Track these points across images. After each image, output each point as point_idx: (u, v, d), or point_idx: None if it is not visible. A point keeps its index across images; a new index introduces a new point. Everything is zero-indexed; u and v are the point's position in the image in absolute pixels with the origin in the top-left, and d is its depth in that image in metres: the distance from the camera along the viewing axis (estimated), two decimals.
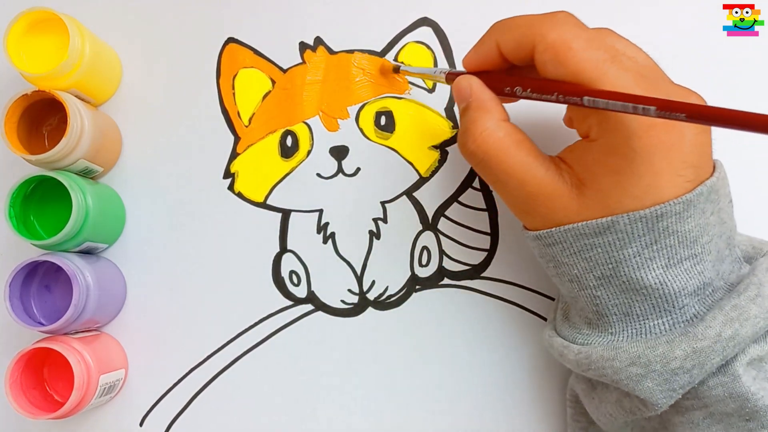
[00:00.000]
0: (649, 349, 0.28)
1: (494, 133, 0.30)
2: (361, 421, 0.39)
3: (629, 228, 0.28)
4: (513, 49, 0.31)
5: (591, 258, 0.29)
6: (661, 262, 0.28)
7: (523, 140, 0.31)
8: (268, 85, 0.41)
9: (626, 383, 0.29)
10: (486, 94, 0.32)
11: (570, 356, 0.31)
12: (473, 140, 0.31)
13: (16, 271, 0.36)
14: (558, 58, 0.28)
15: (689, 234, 0.28)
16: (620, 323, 0.30)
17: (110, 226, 0.40)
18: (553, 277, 0.33)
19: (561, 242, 0.30)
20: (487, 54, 0.32)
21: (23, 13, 0.36)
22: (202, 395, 0.40)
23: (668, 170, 0.27)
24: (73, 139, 0.36)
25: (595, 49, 0.28)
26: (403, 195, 0.40)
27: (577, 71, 0.28)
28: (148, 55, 0.42)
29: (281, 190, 0.40)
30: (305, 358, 0.40)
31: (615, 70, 0.27)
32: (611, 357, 0.29)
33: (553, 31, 0.28)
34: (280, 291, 0.40)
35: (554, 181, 0.29)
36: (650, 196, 0.27)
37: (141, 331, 0.40)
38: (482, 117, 0.31)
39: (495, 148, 0.30)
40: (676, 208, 0.27)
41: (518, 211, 0.32)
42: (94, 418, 0.40)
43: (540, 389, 0.39)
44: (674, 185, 0.27)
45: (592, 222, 0.28)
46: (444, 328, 0.39)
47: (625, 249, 0.28)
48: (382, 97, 0.41)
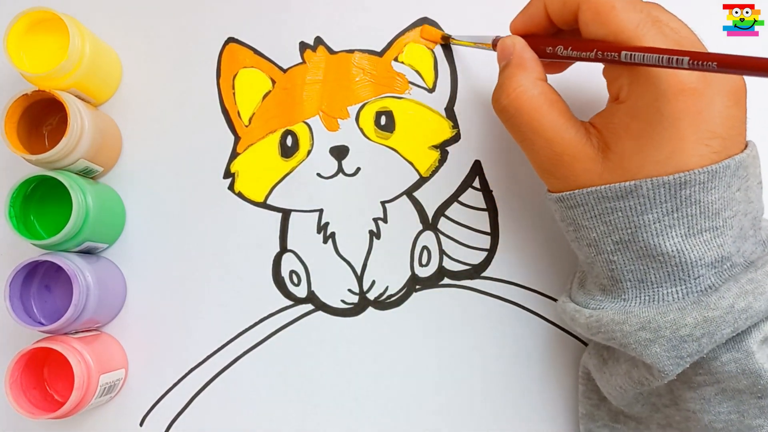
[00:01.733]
0: (659, 315, 0.28)
1: (529, 90, 0.30)
2: (361, 420, 0.39)
3: (651, 193, 0.28)
4: (559, 9, 0.31)
5: (611, 222, 0.30)
6: (680, 230, 0.28)
7: (556, 100, 0.31)
8: (268, 84, 0.41)
9: (634, 347, 0.29)
10: (528, 53, 0.32)
11: (581, 320, 0.31)
12: (507, 95, 0.31)
13: (16, 271, 0.36)
14: (600, 17, 0.28)
15: (712, 205, 0.28)
16: (634, 289, 0.30)
17: (110, 226, 0.40)
18: (572, 242, 0.33)
19: (582, 204, 0.30)
20: (533, 16, 0.33)
21: (23, 13, 0.36)
22: (202, 395, 0.40)
23: (694, 138, 0.27)
24: (73, 139, 0.36)
25: (638, 11, 0.28)
26: (403, 195, 0.40)
27: (617, 30, 0.28)
28: (148, 55, 0.42)
29: (281, 190, 0.40)
30: (305, 358, 0.40)
31: (654, 33, 0.28)
32: (621, 321, 0.29)
33: None
34: (280, 291, 0.40)
35: (581, 144, 0.30)
36: (673, 162, 0.27)
37: (141, 331, 0.40)
38: (519, 73, 0.31)
39: (528, 105, 0.30)
40: (700, 177, 0.27)
41: (542, 171, 0.32)
42: (94, 418, 0.40)
43: (540, 388, 0.39)
44: (699, 154, 0.27)
45: (614, 185, 0.29)
46: (444, 328, 0.39)
47: (645, 214, 0.28)
48: (382, 97, 0.41)
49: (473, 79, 0.41)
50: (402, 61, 0.41)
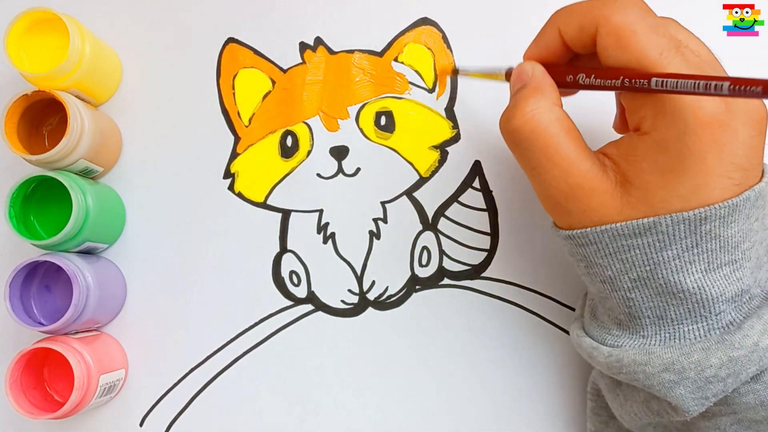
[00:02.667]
0: (683, 356, 0.28)
1: (546, 114, 0.29)
2: (362, 420, 0.39)
3: (671, 230, 0.27)
4: (576, 34, 0.29)
5: (628, 260, 0.28)
6: (700, 266, 0.27)
7: (572, 129, 0.29)
8: (268, 85, 0.41)
9: (658, 389, 0.28)
10: (546, 79, 0.30)
11: (600, 358, 0.30)
12: (521, 115, 0.29)
13: (16, 271, 0.36)
14: (621, 43, 0.27)
15: (731, 239, 0.27)
16: (653, 326, 0.29)
17: (110, 226, 0.40)
18: (583, 276, 0.31)
19: (596, 243, 0.29)
20: (549, 43, 0.31)
21: (23, 13, 0.36)
22: (202, 395, 0.40)
23: (718, 171, 0.26)
24: (73, 139, 0.36)
25: (660, 36, 0.27)
26: (403, 195, 0.40)
27: (640, 57, 0.27)
28: (148, 55, 0.42)
29: (281, 190, 0.40)
30: (305, 359, 0.40)
31: (678, 60, 0.26)
32: (644, 362, 0.28)
33: (617, 13, 0.27)
34: (280, 291, 0.40)
35: (599, 177, 0.28)
36: (696, 198, 0.26)
37: (141, 331, 0.40)
38: (536, 95, 0.29)
39: (542, 129, 0.28)
40: (721, 211, 0.26)
41: (553, 204, 0.30)
42: (94, 418, 0.40)
43: (540, 388, 0.39)
44: (722, 187, 0.26)
45: (632, 222, 0.27)
46: (444, 328, 0.39)
47: (665, 251, 0.27)
48: (382, 97, 0.41)
49: (473, 80, 0.41)
50: (402, 61, 0.41)
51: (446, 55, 0.41)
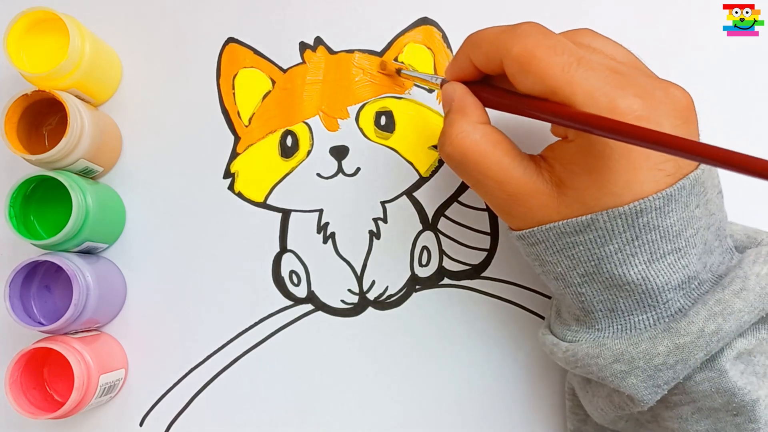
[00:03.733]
0: (632, 346, 0.29)
1: (470, 134, 0.30)
2: (361, 420, 0.39)
3: (609, 225, 0.28)
4: (484, 63, 0.31)
5: (573, 256, 0.29)
6: (643, 257, 0.28)
7: (500, 141, 0.31)
8: (268, 85, 0.41)
9: (611, 380, 0.29)
10: (468, 98, 0.32)
11: (559, 354, 0.32)
12: (450, 142, 0.31)
13: (16, 271, 0.36)
14: (523, 68, 0.28)
15: (671, 228, 0.28)
16: (606, 319, 0.30)
17: (110, 226, 0.40)
18: (540, 275, 0.33)
19: (543, 241, 0.30)
20: (463, 68, 0.33)
21: (23, 13, 0.36)
22: (202, 395, 0.40)
23: (647, 165, 0.27)
24: (73, 139, 0.36)
25: (559, 54, 0.28)
26: (403, 195, 0.40)
27: (544, 77, 0.28)
28: (148, 55, 0.42)
29: (281, 190, 0.40)
30: (305, 358, 0.40)
31: (582, 71, 0.27)
32: (596, 354, 0.29)
33: (517, 43, 0.28)
34: (280, 291, 0.40)
35: (533, 181, 0.30)
36: (629, 193, 0.27)
37: (141, 331, 0.40)
38: (460, 119, 0.31)
39: (471, 150, 0.30)
40: (656, 203, 0.27)
41: (500, 212, 0.32)
42: (94, 418, 0.40)
43: (539, 388, 0.39)
44: (654, 180, 0.27)
45: (572, 220, 0.29)
46: (444, 328, 0.39)
47: (606, 246, 0.28)
48: (382, 97, 0.41)
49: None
50: (402, 61, 0.41)
51: (446, 55, 0.41)
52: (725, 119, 0.39)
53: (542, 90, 0.28)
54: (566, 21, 0.40)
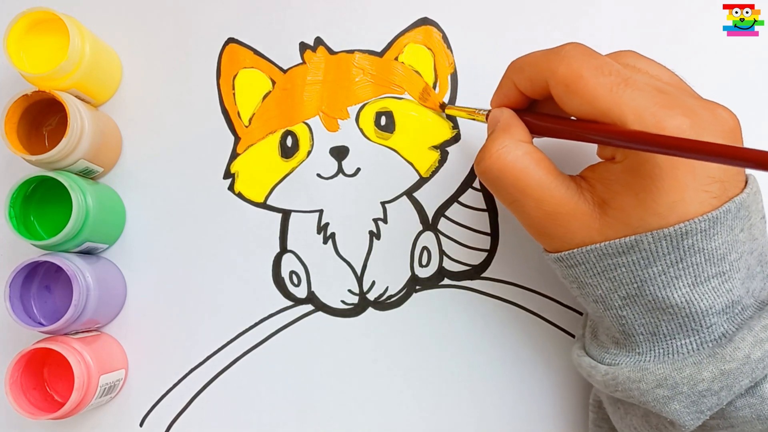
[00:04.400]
0: (676, 371, 0.28)
1: (513, 150, 0.30)
2: (361, 421, 0.39)
3: (653, 247, 0.27)
4: (529, 87, 0.30)
5: (615, 278, 0.29)
6: (687, 280, 0.28)
7: (542, 159, 0.30)
8: (268, 85, 0.41)
9: (653, 405, 0.28)
10: (514, 120, 0.31)
11: (597, 377, 0.31)
12: (489, 155, 0.30)
13: (16, 272, 0.36)
14: (570, 89, 0.28)
15: (716, 251, 0.27)
16: (647, 343, 0.29)
17: (110, 226, 0.39)
18: (578, 297, 0.32)
19: (583, 263, 0.29)
20: (508, 94, 0.32)
21: (23, 13, 0.36)
22: (202, 395, 0.40)
23: (693, 186, 0.27)
24: (73, 140, 0.36)
25: (606, 75, 0.27)
26: (403, 195, 0.40)
27: (591, 99, 0.27)
28: (148, 55, 0.42)
29: (281, 191, 0.40)
30: (305, 359, 0.40)
31: (630, 91, 0.27)
32: (638, 378, 0.29)
33: (561, 65, 0.28)
34: (280, 291, 0.40)
35: (574, 201, 0.29)
36: (675, 214, 0.27)
37: (141, 331, 0.40)
38: (502, 135, 0.30)
39: (512, 166, 0.29)
40: (701, 225, 0.27)
41: (537, 233, 0.31)
42: (94, 419, 0.40)
43: (539, 388, 0.39)
44: (699, 201, 0.27)
45: (615, 242, 0.28)
46: (444, 328, 0.39)
47: (649, 268, 0.28)
48: (382, 98, 0.41)
49: (473, 79, 0.41)
50: (402, 61, 0.41)
51: (446, 55, 0.41)
52: None
53: (590, 111, 0.28)
54: (566, 21, 0.40)
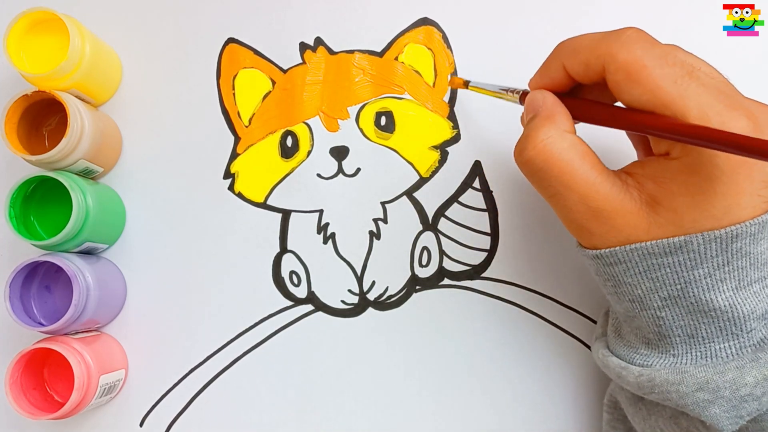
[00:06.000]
0: (717, 375, 0.27)
1: (558, 142, 0.28)
2: (361, 421, 0.39)
3: (702, 248, 0.27)
4: (581, 70, 0.29)
5: (658, 278, 0.28)
6: (731, 283, 0.27)
7: (588, 153, 0.29)
8: (268, 85, 0.41)
9: (692, 408, 0.28)
10: (559, 107, 0.30)
11: (630, 378, 0.30)
12: (533, 146, 0.29)
13: (16, 272, 0.36)
14: (632, 78, 0.27)
15: (761, 256, 0.27)
16: (684, 345, 0.29)
17: (110, 226, 0.39)
18: (610, 295, 0.31)
19: (625, 261, 0.29)
20: (554, 76, 0.31)
21: (23, 13, 0.36)
22: (202, 395, 0.40)
23: (749, 190, 0.26)
24: (73, 140, 0.36)
25: (671, 65, 0.26)
26: (403, 195, 0.40)
27: (654, 89, 0.26)
28: (148, 55, 0.42)
29: (281, 191, 0.40)
30: (305, 359, 0.40)
31: (695, 86, 0.26)
32: (677, 381, 0.28)
33: (623, 49, 0.27)
34: (281, 291, 0.40)
35: (621, 198, 0.28)
36: (728, 217, 0.26)
37: (141, 331, 0.40)
38: (547, 125, 0.29)
39: (557, 157, 0.28)
40: (751, 229, 0.26)
41: (576, 228, 0.30)
42: (94, 419, 0.40)
43: (539, 388, 0.39)
44: (753, 205, 0.26)
45: (663, 241, 0.27)
46: (444, 328, 0.39)
47: (696, 269, 0.27)
48: (382, 98, 0.41)
49: (473, 79, 0.40)
50: (402, 61, 0.41)
51: (446, 55, 0.41)
52: None
53: (650, 101, 0.27)
54: (566, 21, 0.40)
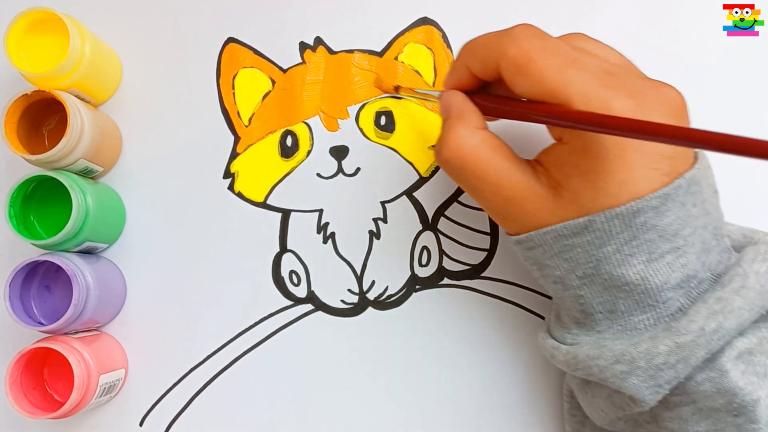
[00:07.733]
0: (632, 346, 0.28)
1: (469, 139, 0.30)
2: (361, 420, 0.39)
3: (606, 226, 0.28)
4: (481, 69, 0.31)
5: (572, 258, 0.30)
6: (641, 257, 0.28)
7: (499, 145, 0.31)
8: (268, 85, 0.41)
9: (612, 381, 0.29)
10: (467, 104, 0.32)
11: (560, 357, 0.32)
12: (448, 147, 0.31)
13: (16, 271, 0.36)
14: (521, 71, 0.28)
15: (669, 227, 0.28)
16: (606, 321, 0.30)
17: (110, 226, 0.40)
18: (539, 279, 0.33)
19: (541, 245, 0.30)
20: (461, 77, 0.33)
21: (23, 13, 0.36)
22: (202, 395, 0.40)
23: (642, 164, 0.27)
24: (73, 139, 0.36)
25: (554, 56, 0.28)
26: (403, 195, 0.40)
27: (540, 79, 0.28)
28: (148, 55, 0.42)
29: (281, 190, 0.41)
30: (305, 358, 0.40)
31: (579, 73, 0.28)
32: (596, 355, 0.29)
33: (512, 45, 0.29)
34: (280, 291, 0.40)
35: (530, 184, 0.30)
36: (625, 192, 0.27)
37: (141, 331, 0.40)
38: (457, 125, 0.31)
39: (470, 154, 0.30)
40: (652, 202, 0.27)
41: (497, 217, 0.32)
42: (94, 418, 0.40)
43: (539, 388, 0.39)
44: (649, 179, 0.27)
45: (569, 222, 0.29)
46: (444, 328, 0.39)
47: (604, 247, 0.28)
48: (382, 97, 0.41)
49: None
50: (402, 61, 0.41)
51: (446, 55, 0.41)
52: (725, 119, 0.39)
53: (539, 91, 0.28)
54: (566, 21, 0.40)
